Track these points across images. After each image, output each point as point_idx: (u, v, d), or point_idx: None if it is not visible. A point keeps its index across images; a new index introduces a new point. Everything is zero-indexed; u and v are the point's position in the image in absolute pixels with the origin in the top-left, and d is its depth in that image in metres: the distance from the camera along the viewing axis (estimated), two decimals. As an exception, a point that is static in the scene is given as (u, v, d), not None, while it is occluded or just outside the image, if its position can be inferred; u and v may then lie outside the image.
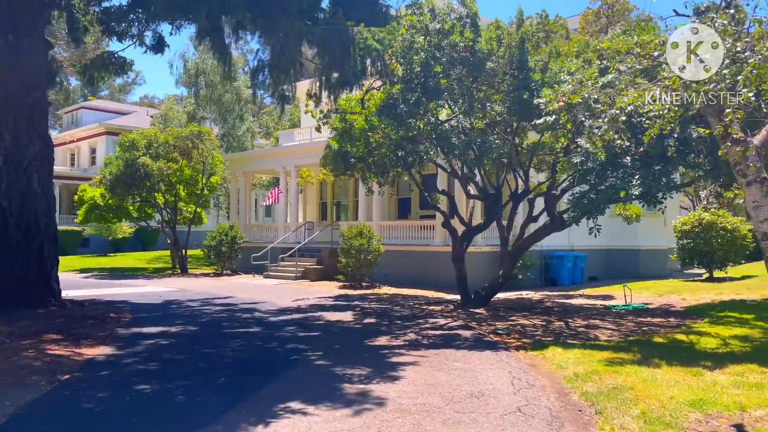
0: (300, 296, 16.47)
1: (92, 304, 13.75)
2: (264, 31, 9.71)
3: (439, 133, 10.63)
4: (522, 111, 10.47)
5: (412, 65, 10.70)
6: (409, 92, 10.68)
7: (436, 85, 10.52)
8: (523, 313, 13.25)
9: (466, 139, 10.40)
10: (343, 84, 10.86)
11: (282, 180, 25.80)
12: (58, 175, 43.42)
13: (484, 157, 10.31)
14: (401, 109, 10.36)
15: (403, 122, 10.38)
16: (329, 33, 9.63)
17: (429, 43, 10.77)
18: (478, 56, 10.72)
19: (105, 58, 16.19)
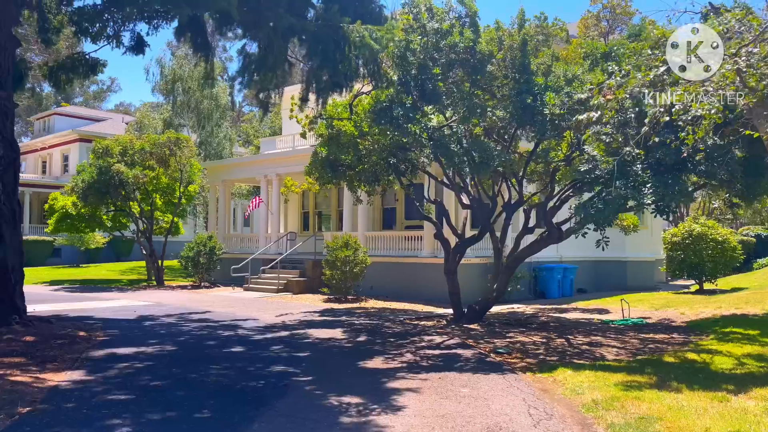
0: (284, 311, 15.68)
1: (61, 321, 12.81)
2: (251, 26, 8.97)
3: (436, 140, 10.02)
4: (525, 116, 9.92)
5: (409, 67, 10.09)
6: (406, 95, 10.07)
7: (434, 87, 9.93)
8: (519, 329, 12.66)
9: (466, 146, 9.81)
10: (334, 86, 10.18)
11: (263, 189, 24.99)
12: (28, 183, 42.07)
13: (484, 166, 9.74)
14: (398, 113, 9.73)
15: (399, 127, 9.76)
16: (322, 29, 8.94)
17: (426, 44, 10.19)
18: (478, 58, 10.17)
19: (75, 59, 15.29)
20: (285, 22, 8.46)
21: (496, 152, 9.82)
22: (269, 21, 8.39)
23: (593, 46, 10.18)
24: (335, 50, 9.08)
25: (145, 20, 14.94)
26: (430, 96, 9.96)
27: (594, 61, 10.11)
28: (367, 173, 12.79)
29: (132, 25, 15.14)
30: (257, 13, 8.52)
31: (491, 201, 13.16)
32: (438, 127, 10.15)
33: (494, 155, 9.72)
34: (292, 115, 15.39)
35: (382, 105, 10.10)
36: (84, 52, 15.22)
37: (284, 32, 8.82)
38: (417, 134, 9.76)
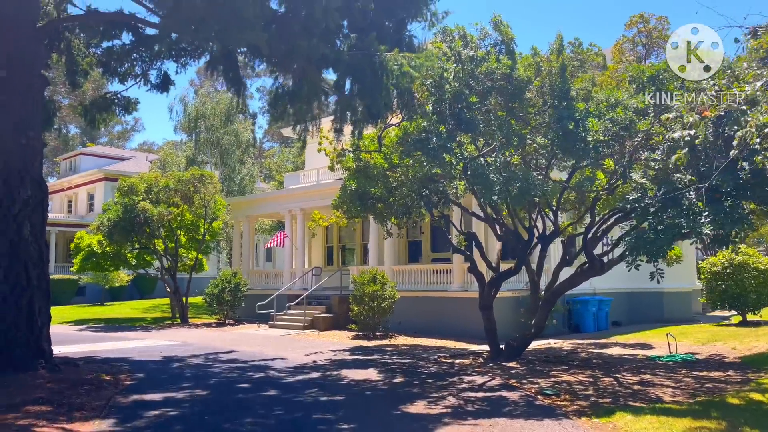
0: (312, 349, 15.20)
1: (87, 364, 12.47)
2: (283, 56, 8.74)
3: (474, 169, 9.65)
4: (566, 143, 9.53)
5: (444, 95, 9.80)
6: (441, 125, 9.75)
7: (471, 116, 9.60)
8: (561, 367, 12.02)
9: (505, 175, 9.42)
10: (370, 116, 9.86)
11: (287, 224, 24.76)
12: (54, 223, 42.44)
13: (525, 196, 9.32)
14: (434, 143, 9.39)
15: (436, 157, 9.42)
16: (359, 58, 8.69)
17: (461, 72, 9.91)
18: (516, 84, 9.85)
19: (108, 99, 15.35)
20: (318, 52, 8.21)
21: (537, 181, 9.40)
22: (302, 51, 8.15)
23: (639, 69, 9.82)
24: (372, 79, 8.80)
25: (173, 58, 15.00)
26: (466, 125, 9.63)
27: (640, 85, 9.73)
28: (397, 206, 12.42)
29: (159, 63, 15.23)
30: (289, 43, 8.30)
31: (528, 232, 12.68)
32: (474, 157, 9.79)
33: (535, 184, 9.30)
34: (321, 148, 15.19)
35: (417, 135, 9.78)
36: (116, 92, 15.27)
37: (318, 62, 8.57)
38: (453, 164, 9.40)
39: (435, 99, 9.95)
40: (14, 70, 10.10)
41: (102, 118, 15.44)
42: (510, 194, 9.28)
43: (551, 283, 13.30)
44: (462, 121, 9.62)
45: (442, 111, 9.89)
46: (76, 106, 59.84)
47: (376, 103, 9.08)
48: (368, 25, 9.25)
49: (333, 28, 8.19)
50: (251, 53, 9.89)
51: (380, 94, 8.90)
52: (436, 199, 11.46)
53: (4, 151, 9.88)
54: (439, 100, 9.91)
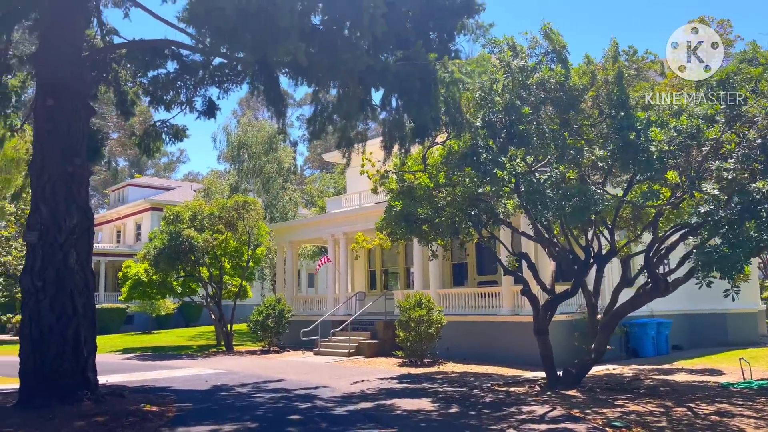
0: (359, 377, 14.72)
1: (133, 393, 12.30)
2: (326, 69, 8.45)
3: (529, 185, 9.13)
4: (627, 154, 8.93)
5: (495, 107, 9.37)
6: (492, 139, 9.31)
7: (524, 128, 9.13)
8: (626, 396, 11.20)
9: (562, 191, 8.87)
10: (418, 133, 9.44)
11: (330, 249, 24.51)
12: (103, 252, 43.44)
13: (584, 212, 8.74)
14: (485, 158, 8.94)
15: (487, 172, 8.95)
16: (407, 68, 8.33)
17: (511, 83, 9.48)
18: (570, 94, 9.35)
19: (158, 128, 15.52)
20: (363, 63, 7.89)
21: (597, 196, 8.81)
22: (346, 63, 7.87)
23: (710, 73, 9.21)
24: (421, 90, 8.41)
25: (215, 84, 15.06)
26: (519, 138, 9.15)
27: (709, 90, 9.10)
28: (444, 226, 11.95)
29: (203, 90, 15.31)
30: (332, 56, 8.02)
31: (584, 251, 12.01)
32: (527, 172, 9.28)
33: (594, 200, 8.71)
34: (363, 170, 14.92)
35: (466, 150, 9.34)
36: (165, 120, 15.42)
37: (362, 74, 8.24)
38: (505, 180, 8.92)
39: (484, 112, 9.52)
40: (61, 98, 10.17)
41: (155, 146, 15.61)
42: (567, 211, 8.72)
43: (610, 305, 12.54)
44: (514, 134, 9.14)
45: (492, 124, 9.45)
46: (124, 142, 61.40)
47: (425, 116, 8.66)
48: (412, 40, 8.91)
49: (379, 36, 7.87)
50: (292, 71, 9.66)
51: (430, 107, 8.48)
52: (485, 218, 10.96)
53: (50, 179, 9.90)
54: (489, 112, 9.47)
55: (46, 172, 9.96)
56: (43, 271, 9.77)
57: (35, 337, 9.65)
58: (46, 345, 9.61)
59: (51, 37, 10.69)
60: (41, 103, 10.20)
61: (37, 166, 10.19)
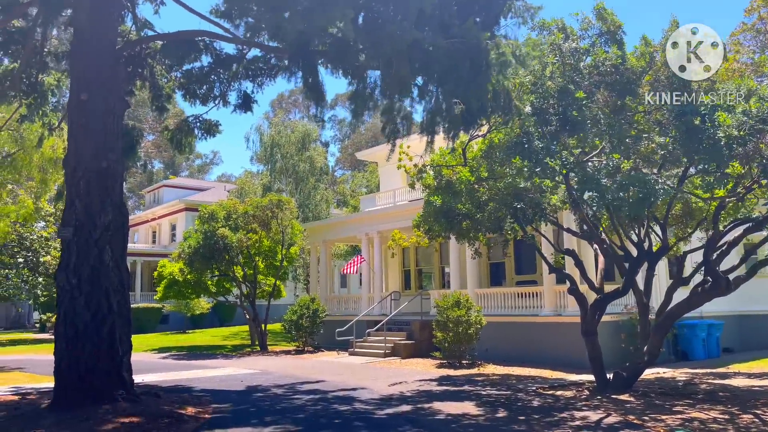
0: (397, 379, 14.27)
1: (169, 393, 12.10)
2: (372, 45, 7.95)
3: (583, 174, 8.55)
4: (690, 140, 8.28)
5: (547, 93, 8.82)
6: (543, 125, 8.76)
7: (579, 114, 8.55)
8: (684, 401, 10.51)
9: (620, 180, 8.27)
10: (467, 119, 8.88)
11: (364, 248, 24.14)
12: (139, 253, 43.92)
13: (644, 203, 8.13)
14: (537, 146, 8.39)
15: (539, 162, 8.41)
16: (457, 47, 7.78)
17: (563, 66, 8.92)
18: (627, 77, 8.75)
19: (190, 123, 15.32)
20: (409, 37, 7.35)
21: (658, 185, 8.17)
22: (392, 39, 7.37)
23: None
24: (472, 73, 7.87)
25: (249, 78, 14.81)
26: (573, 125, 8.57)
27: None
28: (486, 222, 11.42)
29: (237, 84, 15.07)
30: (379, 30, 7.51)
31: (637, 248, 11.35)
32: (581, 161, 8.71)
33: (656, 189, 8.08)
34: (400, 165, 14.50)
35: (516, 138, 8.81)
36: (198, 115, 15.20)
37: (409, 52, 7.68)
38: (557, 170, 8.36)
39: (535, 97, 8.97)
40: (94, 92, 9.99)
41: (187, 141, 15.39)
42: (625, 202, 8.11)
43: (664, 305, 11.84)
44: (567, 120, 8.57)
45: (543, 111, 8.89)
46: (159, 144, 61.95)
47: (474, 101, 8.11)
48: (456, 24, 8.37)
49: (427, 11, 7.35)
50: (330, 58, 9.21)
51: (480, 90, 7.93)
52: (530, 213, 10.39)
53: (84, 175, 9.72)
54: (539, 98, 8.92)
55: (81, 168, 9.78)
56: (78, 267, 9.59)
57: (70, 336, 9.47)
58: (81, 343, 9.41)
59: (85, 31, 10.53)
60: (75, 98, 10.04)
61: (71, 161, 10.03)
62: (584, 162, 8.89)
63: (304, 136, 41.38)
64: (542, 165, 8.46)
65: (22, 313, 49.21)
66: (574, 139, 8.90)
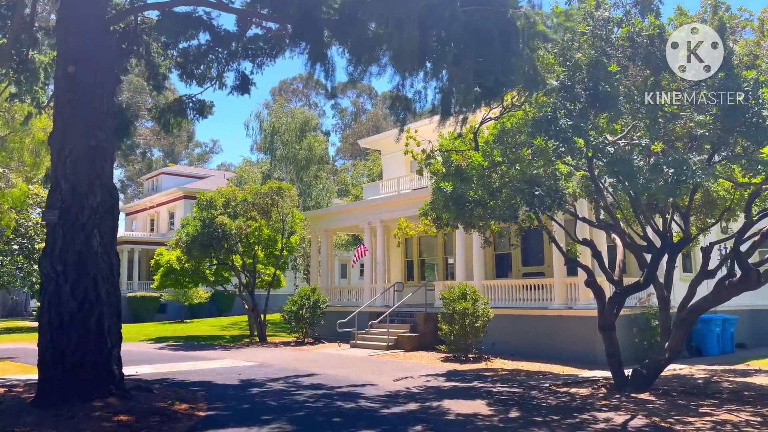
0: (402, 373, 13.65)
1: (163, 387, 11.48)
2: (383, 13, 7.21)
3: (613, 155, 7.84)
4: (731, 119, 7.59)
5: (576, 65, 8.11)
6: (571, 101, 8.06)
7: (611, 89, 7.82)
8: (710, 402, 9.88)
9: (654, 161, 7.56)
10: (491, 92, 8.10)
11: (367, 237, 23.46)
12: (138, 241, 43.30)
13: (680, 186, 7.44)
14: (565, 123, 7.68)
15: (565, 140, 7.71)
16: (483, 14, 7.04)
17: (593, 38, 8.21)
18: (665, 49, 8.04)
19: (182, 102, 14.57)
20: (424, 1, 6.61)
21: (696, 166, 7.46)
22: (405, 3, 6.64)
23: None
24: (501, 42, 7.12)
25: (249, 58, 14.09)
26: (604, 101, 7.85)
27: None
28: (500, 210, 10.74)
29: (236, 64, 14.35)
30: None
31: (662, 238, 10.68)
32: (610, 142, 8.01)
33: (694, 171, 7.38)
34: (407, 150, 13.83)
35: (544, 115, 8.10)
36: (191, 95, 14.46)
37: (423, 20, 6.95)
38: (583, 151, 7.67)
39: (563, 70, 8.25)
40: (82, 65, 9.27)
41: (176, 121, 14.68)
42: (658, 185, 7.42)
43: (686, 299, 11.19)
44: (598, 96, 7.85)
45: (570, 86, 8.18)
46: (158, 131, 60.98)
47: (499, 72, 7.36)
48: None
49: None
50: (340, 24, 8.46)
51: (505, 62, 7.19)
52: (549, 201, 9.70)
53: (71, 153, 9.02)
54: (568, 71, 8.21)
55: (68, 146, 9.08)
56: (64, 253, 8.91)
57: (55, 326, 8.81)
58: (67, 335, 8.76)
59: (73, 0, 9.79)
60: (62, 71, 9.31)
61: (57, 138, 9.32)
62: (613, 143, 8.18)
63: (304, 123, 40.60)
64: (569, 144, 7.76)
65: (18, 300, 48.66)
66: (604, 118, 8.20)
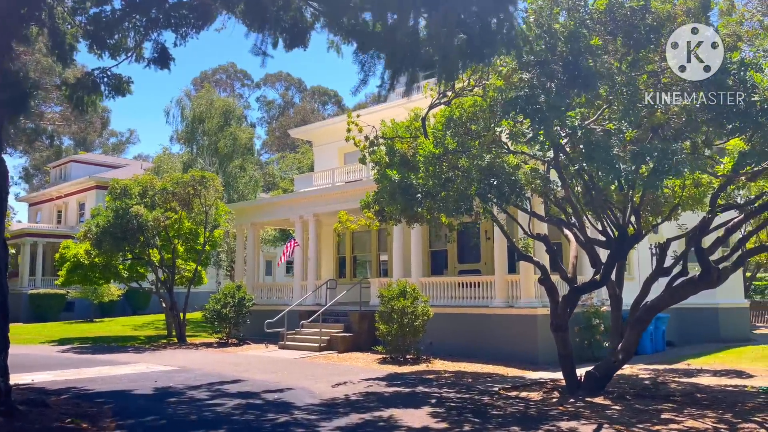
0: (339, 377, 12.57)
1: (63, 399, 9.84)
2: None
3: (590, 142, 7.10)
4: (717, 106, 7.03)
5: (553, 35, 7.29)
6: (548, 78, 7.25)
7: (594, 65, 7.06)
8: (667, 406, 9.43)
9: (639, 149, 6.86)
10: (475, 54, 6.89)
11: (298, 231, 22.13)
12: (43, 233, 39.76)
13: (662, 177, 6.81)
14: (547, 100, 6.84)
15: (543, 121, 6.88)
16: None
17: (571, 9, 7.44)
18: (649, 25, 7.37)
19: (96, 76, 12.76)
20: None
21: (684, 155, 6.83)
22: None
23: None
24: None
25: (171, 27, 12.53)
26: (586, 78, 7.06)
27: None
28: (453, 200, 9.89)
29: (156, 34, 12.75)
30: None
31: (620, 233, 10.15)
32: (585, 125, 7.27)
33: (683, 159, 6.74)
34: (349, 137, 12.75)
35: (522, 91, 7.22)
36: (105, 67, 12.66)
37: None
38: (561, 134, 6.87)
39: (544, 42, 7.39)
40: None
41: (90, 99, 12.86)
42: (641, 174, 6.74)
43: (640, 297, 10.75)
44: (579, 73, 7.05)
45: (547, 62, 7.35)
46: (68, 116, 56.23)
47: (480, 31, 6.31)
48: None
49: None
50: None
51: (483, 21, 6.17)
52: (507, 191, 8.91)
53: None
54: (546, 42, 7.37)
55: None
56: (-67, 241, 7.21)
57: None
58: (-64, 341, 7.08)
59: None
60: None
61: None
62: (586, 126, 7.45)
63: (227, 111, 38.51)
64: (546, 125, 6.93)
65: None
66: (582, 98, 7.48)
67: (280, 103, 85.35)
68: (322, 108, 79.79)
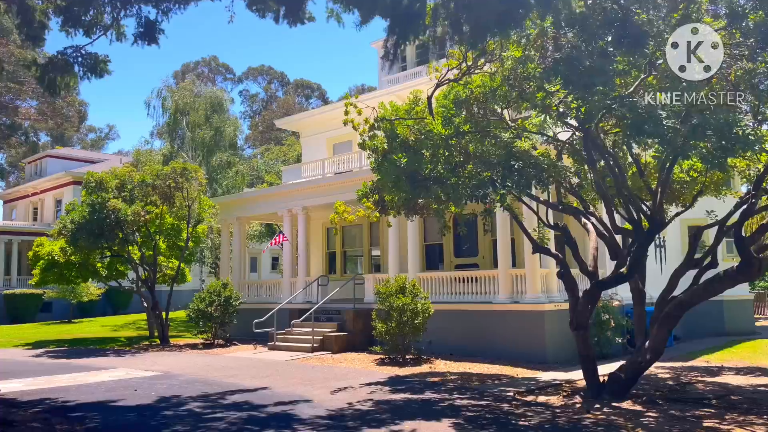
0: (338, 382, 11.57)
1: (31, 413, 8.74)
2: None
3: (634, 109, 6.12)
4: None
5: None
6: (590, 41, 6.29)
7: (645, 20, 6.09)
8: (705, 411, 8.60)
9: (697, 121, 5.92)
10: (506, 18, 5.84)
11: (287, 225, 21.07)
12: (18, 231, 38.10)
13: (728, 153, 5.88)
14: (592, 64, 5.88)
15: (590, 84, 5.93)
16: None
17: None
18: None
19: (69, 55, 11.55)
20: None
21: (746, 131, 5.90)
22: None
23: None
24: None
25: (152, 3, 11.40)
26: (634, 37, 6.06)
27: None
28: (466, 187, 8.94)
29: (136, 8, 11.61)
30: None
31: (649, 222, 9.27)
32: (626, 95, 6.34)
33: (746, 135, 5.83)
34: (347, 119, 11.70)
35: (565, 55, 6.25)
36: (80, 46, 11.46)
37: None
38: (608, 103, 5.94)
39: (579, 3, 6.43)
40: None
41: (63, 80, 11.68)
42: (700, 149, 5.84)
43: (666, 291, 9.89)
44: (627, 29, 6.06)
45: (589, 18, 6.38)
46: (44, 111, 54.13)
47: None
48: None
49: None
50: None
51: None
52: (531, 174, 7.98)
53: None
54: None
55: None
56: None
57: None
58: None
59: None
60: None
61: None
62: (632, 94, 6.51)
63: (214, 103, 37.17)
64: (585, 94, 5.96)
65: None
66: (620, 64, 6.52)
67: (263, 96, 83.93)
68: (305, 102, 78.54)
